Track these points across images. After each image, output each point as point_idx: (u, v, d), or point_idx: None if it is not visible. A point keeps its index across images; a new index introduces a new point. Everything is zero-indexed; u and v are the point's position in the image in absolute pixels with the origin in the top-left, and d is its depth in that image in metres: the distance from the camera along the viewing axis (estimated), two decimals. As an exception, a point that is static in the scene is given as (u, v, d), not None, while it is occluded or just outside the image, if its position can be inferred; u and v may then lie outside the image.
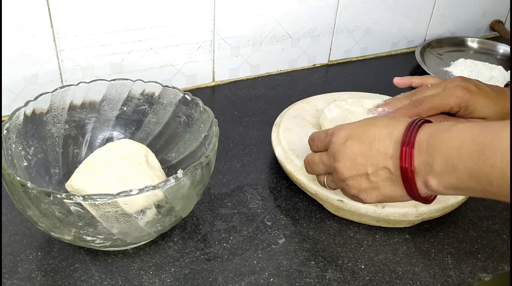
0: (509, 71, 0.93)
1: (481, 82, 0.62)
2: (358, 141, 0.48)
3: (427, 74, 0.88)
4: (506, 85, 0.68)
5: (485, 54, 1.03)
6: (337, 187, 0.53)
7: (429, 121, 0.47)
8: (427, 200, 0.48)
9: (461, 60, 0.95)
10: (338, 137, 0.50)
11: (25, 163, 0.55)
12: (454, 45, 1.04)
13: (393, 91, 0.80)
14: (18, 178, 0.44)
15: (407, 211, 0.56)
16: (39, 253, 0.53)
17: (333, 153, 0.50)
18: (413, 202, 0.55)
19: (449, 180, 0.42)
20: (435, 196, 0.48)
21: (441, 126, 0.44)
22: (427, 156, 0.43)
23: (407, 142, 0.44)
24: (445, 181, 0.43)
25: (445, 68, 0.95)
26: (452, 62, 0.96)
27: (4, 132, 0.52)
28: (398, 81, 0.70)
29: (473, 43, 1.05)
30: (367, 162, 0.47)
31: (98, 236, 0.47)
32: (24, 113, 0.55)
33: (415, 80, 0.68)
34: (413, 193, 0.46)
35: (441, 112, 0.60)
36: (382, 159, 0.47)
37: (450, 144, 0.42)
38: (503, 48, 1.03)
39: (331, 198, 0.57)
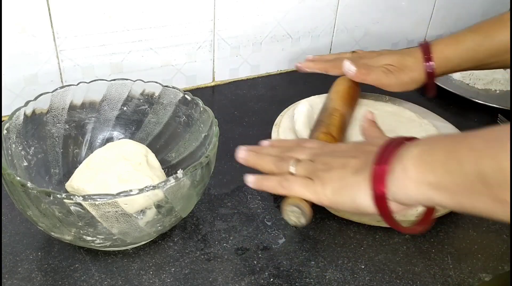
0: (508, 70, 0.93)
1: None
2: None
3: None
4: (420, 45, 0.72)
5: None
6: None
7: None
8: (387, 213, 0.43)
9: None
10: None
11: (25, 163, 0.55)
12: None
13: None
14: (18, 178, 0.44)
15: (407, 211, 0.56)
16: (39, 253, 0.53)
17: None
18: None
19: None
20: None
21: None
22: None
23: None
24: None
25: None
26: None
27: (4, 132, 0.52)
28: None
29: None
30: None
31: (98, 236, 0.47)
32: (24, 113, 0.55)
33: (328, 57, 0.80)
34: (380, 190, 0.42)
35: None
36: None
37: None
38: None
39: (331, 198, 0.57)
